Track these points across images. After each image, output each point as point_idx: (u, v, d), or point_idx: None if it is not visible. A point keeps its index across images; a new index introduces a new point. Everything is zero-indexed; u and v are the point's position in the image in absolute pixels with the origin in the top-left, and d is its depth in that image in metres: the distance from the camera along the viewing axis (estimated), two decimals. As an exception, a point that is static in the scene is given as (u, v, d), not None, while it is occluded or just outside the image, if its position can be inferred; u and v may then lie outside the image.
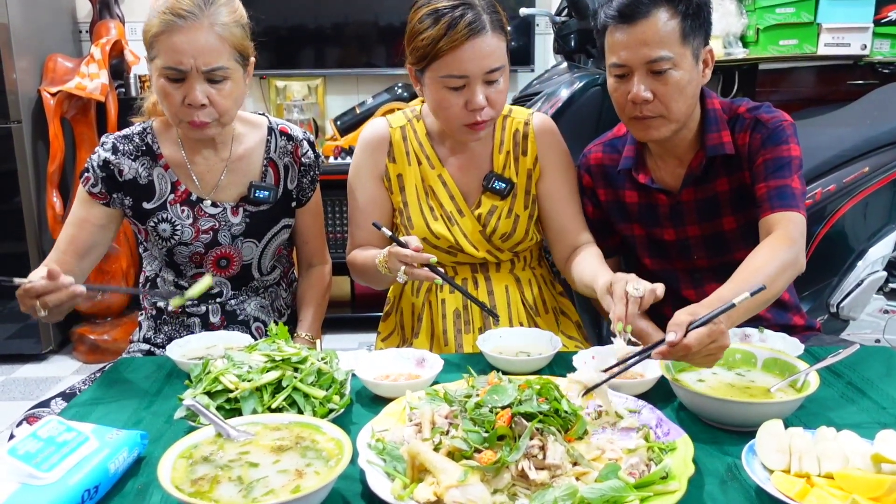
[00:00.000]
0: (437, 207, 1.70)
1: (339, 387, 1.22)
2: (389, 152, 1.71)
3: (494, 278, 1.73)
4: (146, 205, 1.63)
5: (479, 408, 1.02)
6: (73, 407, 1.28)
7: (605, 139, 1.77)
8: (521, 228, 1.70)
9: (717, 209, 1.65)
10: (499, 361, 1.38)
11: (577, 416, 1.04)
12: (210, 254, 1.67)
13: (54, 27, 3.60)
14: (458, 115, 1.56)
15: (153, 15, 1.48)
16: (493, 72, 1.53)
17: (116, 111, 3.43)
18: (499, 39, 1.54)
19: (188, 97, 1.49)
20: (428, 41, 1.51)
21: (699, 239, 1.68)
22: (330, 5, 3.81)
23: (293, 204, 1.75)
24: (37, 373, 3.36)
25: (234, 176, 1.67)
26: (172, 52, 1.46)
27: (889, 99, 2.63)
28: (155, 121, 1.66)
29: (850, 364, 1.37)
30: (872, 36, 3.47)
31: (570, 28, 2.77)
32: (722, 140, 1.60)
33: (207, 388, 1.16)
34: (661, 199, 1.67)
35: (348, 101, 3.90)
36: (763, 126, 1.59)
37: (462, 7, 1.51)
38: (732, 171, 1.62)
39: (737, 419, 1.15)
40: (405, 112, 1.76)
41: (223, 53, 1.50)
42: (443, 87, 1.54)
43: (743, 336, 1.47)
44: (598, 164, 1.76)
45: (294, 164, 1.72)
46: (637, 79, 1.52)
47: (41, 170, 3.36)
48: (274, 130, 1.72)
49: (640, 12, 1.49)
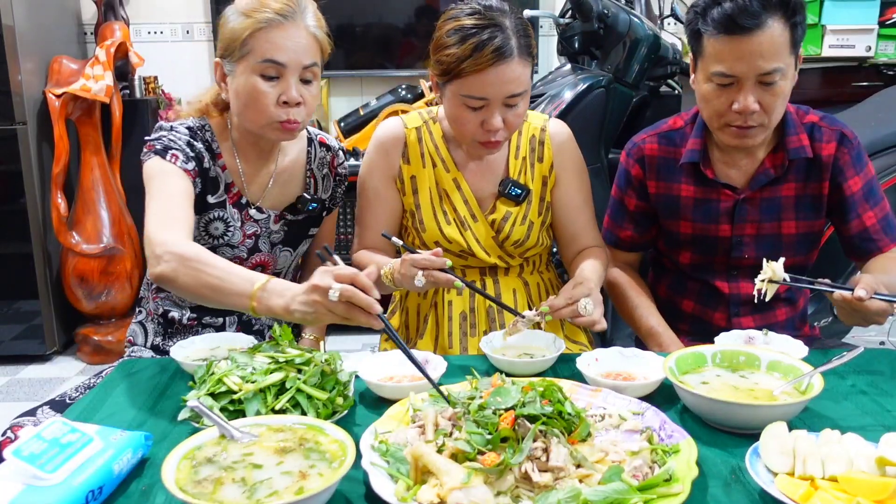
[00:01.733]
0: (450, 212, 1.68)
1: (343, 388, 1.22)
2: (404, 153, 1.70)
3: (503, 282, 1.73)
4: (210, 198, 1.60)
5: (482, 410, 1.02)
6: (77, 409, 1.29)
7: (660, 130, 1.73)
8: (533, 235, 1.69)
9: (779, 212, 1.64)
10: (502, 363, 1.38)
11: (581, 419, 1.04)
12: (250, 259, 1.67)
13: (59, 29, 3.61)
14: (474, 131, 1.54)
15: (241, 15, 1.48)
16: (513, 97, 1.51)
17: (121, 113, 3.44)
18: (524, 65, 1.50)
19: (285, 94, 1.49)
20: (452, 59, 1.49)
21: (753, 238, 1.67)
22: (334, 7, 3.77)
23: (324, 213, 1.77)
24: (41, 374, 3.36)
25: (279, 187, 1.68)
26: (272, 46, 1.47)
27: (891, 101, 2.63)
28: (211, 121, 1.63)
29: (854, 366, 1.37)
30: (877, 38, 3.47)
31: (574, 30, 2.77)
32: (802, 143, 1.59)
33: (211, 389, 1.16)
34: (724, 194, 1.65)
35: (352, 102, 3.91)
36: (849, 141, 1.60)
37: (491, 29, 1.47)
38: (808, 178, 1.62)
39: (741, 421, 1.14)
40: (421, 113, 1.74)
41: (317, 52, 1.53)
42: (462, 104, 1.52)
43: (747, 339, 1.47)
44: (652, 156, 1.72)
45: (330, 175, 1.75)
46: (746, 90, 1.47)
47: (46, 171, 3.36)
48: (314, 141, 1.74)
49: (753, 23, 1.43)
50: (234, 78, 1.52)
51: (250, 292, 1.25)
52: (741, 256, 1.68)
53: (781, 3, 1.45)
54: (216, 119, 1.63)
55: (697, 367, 1.29)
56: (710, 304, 1.74)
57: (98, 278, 3.40)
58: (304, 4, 1.52)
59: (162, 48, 3.91)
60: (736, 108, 1.50)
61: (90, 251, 3.37)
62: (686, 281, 1.77)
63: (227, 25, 1.51)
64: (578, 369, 1.32)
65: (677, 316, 1.77)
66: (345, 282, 1.16)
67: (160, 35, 3.93)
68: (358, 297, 1.16)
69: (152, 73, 3.74)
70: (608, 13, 2.65)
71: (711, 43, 1.49)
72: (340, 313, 1.18)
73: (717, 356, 1.31)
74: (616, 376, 1.33)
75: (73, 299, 3.47)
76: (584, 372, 1.31)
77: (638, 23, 2.69)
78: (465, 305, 1.71)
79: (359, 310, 1.17)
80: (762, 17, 1.43)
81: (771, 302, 1.69)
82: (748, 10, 1.43)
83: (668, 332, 1.68)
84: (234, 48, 1.49)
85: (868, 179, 1.63)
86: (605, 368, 1.35)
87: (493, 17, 1.48)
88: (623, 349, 1.39)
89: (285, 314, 1.23)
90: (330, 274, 1.18)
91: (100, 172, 3.44)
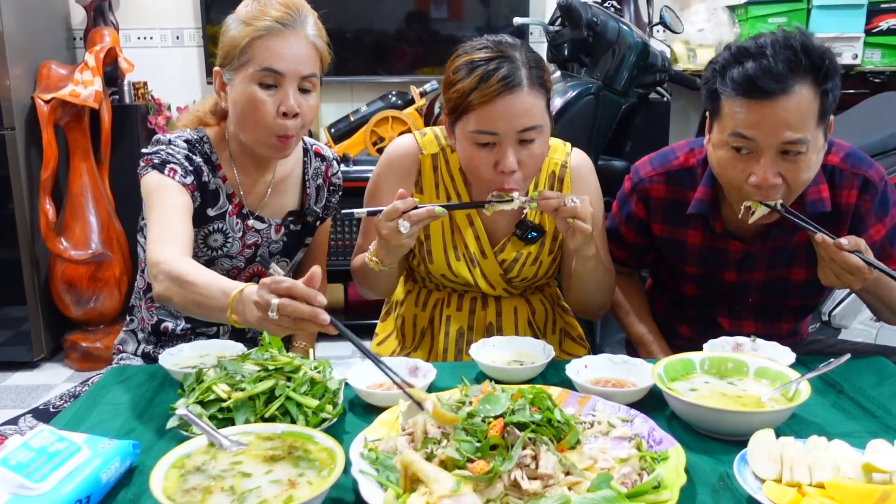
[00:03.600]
0: (461, 247, 1.63)
1: (333, 396, 1.22)
2: (418, 182, 1.63)
3: (504, 302, 1.70)
4: (210, 211, 1.59)
5: (471, 417, 1.02)
6: (65, 417, 1.28)
7: (670, 168, 1.60)
8: (541, 272, 1.66)
9: (789, 258, 1.56)
10: (492, 370, 1.38)
11: (570, 426, 1.04)
12: (247, 270, 1.67)
13: (48, 34, 3.59)
14: (487, 175, 1.45)
15: (241, 23, 1.47)
16: (526, 131, 1.41)
17: (110, 118, 3.43)
18: (536, 97, 1.42)
19: (283, 104, 1.47)
20: (459, 94, 1.42)
21: (761, 283, 1.60)
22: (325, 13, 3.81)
23: (318, 223, 1.77)
24: (28, 380, 3.34)
25: (276, 197, 1.68)
26: (271, 55, 1.45)
27: (881, 108, 2.65)
28: (209, 131, 1.62)
29: (841, 373, 1.38)
30: (864, 45, 3.50)
31: (564, 37, 2.78)
32: (822, 195, 1.48)
33: (200, 397, 1.16)
34: (733, 245, 1.56)
35: (342, 108, 3.91)
36: (873, 187, 1.48)
37: (498, 60, 1.41)
38: (824, 225, 1.42)
39: (729, 428, 1.15)
40: (438, 136, 1.64)
41: (316, 62, 1.52)
42: (473, 142, 1.43)
43: (735, 345, 1.47)
44: (659, 198, 1.61)
45: (324, 185, 1.75)
46: (766, 161, 1.33)
47: (34, 177, 3.35)
48: (309, 151, 1.74)
49: (778, 87, 1.28)
50: (233, 87, 1.50)
51: (227, 304, 1.21)
52: (746, 298, 1.64)
53: (812, 67, 1.31)
54: (213, 130, 1.62)
55: (686, 374, 1.30)
56: (708, 334, 1.67)
57: (86, 284, 3.39)
58: (305, 13, 1.51)
59: (152, 54, 3.90)
60: (753, 182, 1.36)
61: (78, 257, 3.35)
62: (686, 308, 1.72)
63: (227, 34, 1.50)
64: (568, 376, 1.32)
65: (672, 334, 1.74)
66: (282, 294, 1.09)
67: (150, 40, 3.92)
68: (300, 311, 1.08)
69: (142, 78, 3.73)
70: (597, 21, 2.67)
71: (729, 105, 1.35)
72: (287, 326, 1.10)
73: (705, 363, 1.32)
74: (605, 383, 1.33)
75: (62, 305, 3.45)
76: (574, 379, 1.31)
77: (627, 30, 2.70)
78: (463, 322, 1.68)
79: (305, 321, 1.09)
80: (789, 81, 1.29)
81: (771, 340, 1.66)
82: (773, 72, 1.29)
83: (659, 341, 1.68)
84: (234, 56, 1.48)
85: (894, 224, 1.53)
86: (595, 375, 1.35)
87: (502, 50, 1.43)
88: (612, 356, 1.39)
89: (258, 325, 1.17)
90: (266, 287, 1.10)
91: (88, 178, 3.42)
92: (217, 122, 1.62)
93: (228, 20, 1.52)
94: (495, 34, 1.50)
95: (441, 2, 3.88)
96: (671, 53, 3.66)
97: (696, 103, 3.86)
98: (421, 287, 1.73)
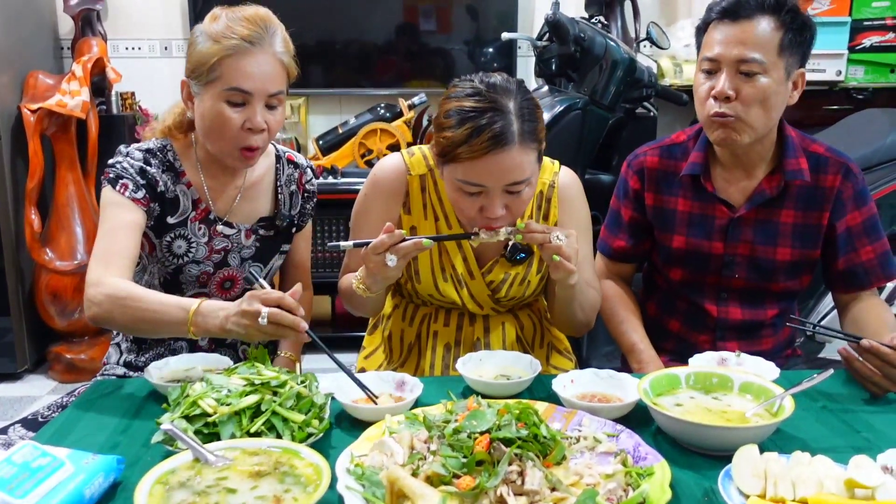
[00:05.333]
0: (448, 268, 1.62)
1: (319, 411, 1.22)
2: (405, 203, 1.62)
3: (492, 319, 1.70)
4: (170, 219, 1.61)
5: (457, 433, 1.02)
6: (49, 430, 1.27)
7: (662, 144, 1.76)
8: (530, 292, 1.66)
9: (775, 236, 1.65)
10: (478, 384, 1.38)
11: (556, 442, 1.04)
12: (217, 274, 1.67)
13: (36, 44, 3.58)
14: (473, 216, 1.46)
15: (210, 40, 1.48)
16: (514, 184, 1.40)
17: (97, 129, 3.42)
18: (527, 151, 1.40)
19: (250, 121, 1.49)
20: (448, 142, 1.39)
21: (746, 259, 1.68)
22: (314, 25, 3.83)
23: (293, 230, 1.76)
24: (11, 392, 3.31)
25: (247, 202, 1.68)
26: (239, 74, 1.47)
27: (864, 124, 2.68)
28: (173, 141, 1.64)
29: (825, 388, 1.39)
30: (847, 62, 3.55)
31: (552, 52, 2.81)
32: (801, 167, 1.61)
33: (185, 411, 1.15)
34: (720, 210, 1.67)
35: (331, 120, 3.91)
36: (854, 176, 1.63)
37: (491, 113, 1.37)
38: (808, 206, 1.63)
39: (713, 443, 1.16)
40: (426, 156, 1.63)
41: (283, 79, 1.53)
42: (459, 188, 1.43)
43: (720, 360, 1.48)
44: (653, 168, 1.74)
45: (298, 191, 1.75)
46: (724, 76, 1.53)
47: (20, 187, 3.33)
48: (282, 158, 1.74)
49: (744, 12, 1.51)
50: (201, 101, 1.52)
51: (186, 319, 1.35)
52: (732, 276, 1.69)
53: (777, 5, 1.52)
54: (179, 139, 1.64)
55: (672, 389, 1.31)
56: (696, 327, 1.75)
57: (71, 295, 3.36)
58: (273, 28, 1.52)
59: (140, 64, 3.89)
60: (713, 93, 1.54)
61: (64, 268, 3.33)
62: (675, 300, 1.78)
63: (196, 48, 1.50)
64: (554, 391, 1.33)
65: (663, 335, 1.79)
66: (272, 305, 1.27)
67: (138, 51, 3.91)
68: (285, 318, 1.27)
69: (130, 88, 3.73)
70: (585, 36, 2.69)
71: (708, 32, 1.57)
72: (270, 332, 1.29)
73: (690, 378, 1.33)
74: (592, 398, 1.33)
75: (46, 316, 3.42)
76: (560, 393, 1.31)
77: (614, 46, 2.73)
78: (450, 337, 1.68)
79: (287, 328, 1.28)
80: (755, 9, 1.51)
81: (757, 329, 1.72)
82: (742, 3, 1.52)
83: (649, 350, 1.70)
84: (202, 72, 1.49)
85: (870, 215, 1.65)
86: (581, 390, 1.36)
87: (494, 100, 1.38)
88: (599, 371, 1.40)
89: (221, 333, 1.34)
90: (257, 298, 1.28)
91: (75, 188, 3.41)
92: (184, 133, 1.64)
93: (197, 32, 1.52)
94: (489, 75, 1.45)
95: (430, 15, 3.89)
96: (658, 68, 3.69)
97: (682, 118, 3.89)
98: (408, 302, 1.73)
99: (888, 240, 1.69)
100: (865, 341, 1.35)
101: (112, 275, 1.44)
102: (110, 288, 1.42)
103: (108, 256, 1.48)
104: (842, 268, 1.67)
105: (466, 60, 3.88)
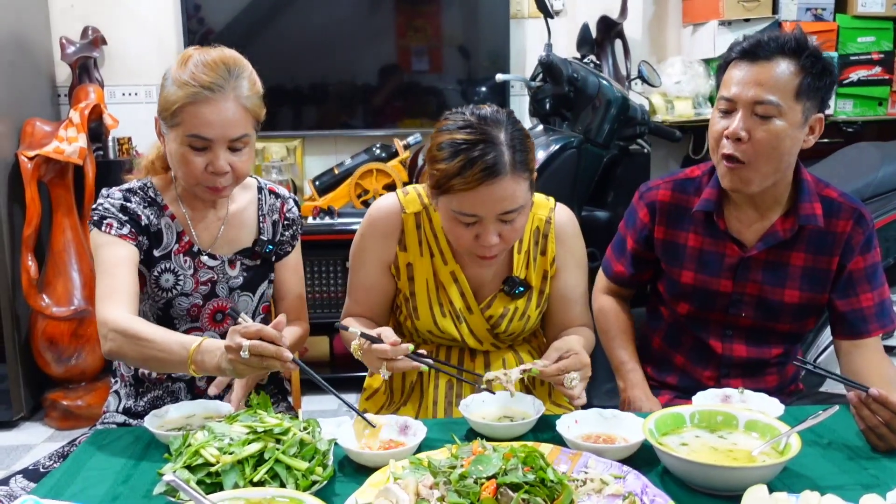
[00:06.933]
0: (446, 304, 1.64)
1: (323, 458, 1.21)
2: (401, 240, 1.64)
3: (492, 354, 1.70)
4: (156, 252, 1.62)
5: (463, 479, 1.01)
6: (49, 482, 1.25)
7: (676, 178, 1.74)
8: (529, 326, 1.68)
9: (784, 278, 1.64)
10: (482, 427, 1.37)
11: (564, 486, 1.04)
12: (207, 306, 1.67)
13: (33, 91, 3.61)
14: (468, 244, 1.49)
15: (175, 85, 1.49)
16: (508, 213, 1.44)
17: (94, 174, 3.43)
18: (519, 181, 1.43)
19: (212, 165, 1.51)
20: (441, 174, 1.43)
21: (754, 298, 1.66)
22: (307, 67, 3.87)
23: (273, 259, 1.76)
24: (7, 440, 3.26)
25: (231, 232, 1.69)
26: (199, 122, 1.48)
27: (854, 158, 2.71)
28: (153, 178, 1.67)
29: (830, 424, 1.38)
30: (836, 96, 3.59)
31: (546, 92, 2.84)
32: (815, 212, 1.59)
33: (188, 461, 1.14)
34: (731, 248, 1.65)
35: (327, 161, 3.93)
36: (866, 223, 1.62)
37: (483, 145, 1.40)
38: (819, 251, 1.62)
39: (721, 484, 1.15)
40: (421, 195, 1.66)
41: (247, 123, 1.54)
42: (453, 218, 1.47)
43: (724, 397, 1.48)
44: (664, 202, 1.72)
45: (279, 220, 1.76)
46: (739, 116, 1.51)
47: (17, 233, 3.33)
48: (263, 189, 1.76)
49: (763, 53, 1.50)
50: (168, 141, 1.55)
51: (187, 357, 1.36)
52: (738, 315, 1.68)
53: (798, 47, 1.50)
54: (161, 174, 1.67)
55: (677, 429, 1.30)
56: (700, 362, 1.74)
57: (68, 341, 3.34)
58: (238, 72, 1.53)
59: (136, 109, 3.92)
60: (726, 132, 1.53)
61: (60, 314, 3.31)
62: (680, 335, 1.78)
63: (164, 90, 1.53)
64: (559, 432, 1.32)
65: (667, 369, 1.79)
66: (252, 337, 1.26)
67: (134, 97, 3.94)
68: (267, 349, 1.26)
69: (126, 133, 3.74)
70: (578, 76, 2.73)
71: (728, 71, 1.55)
72: (255, 365, 1.28)
73: (695, 416, 1.32)
74: (596, 438, 1.33)
75: (42, 363, 3.39)
76: (564, 435, 1.30)
77: (607, 85, 2.77)
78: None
79: (270, 358, 1.27)
80: (775, 51, 1.50)
81: (762, 367, 1.72)
82: (762, 45, 1.51)
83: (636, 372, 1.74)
84: (167, 116, 1.52)
85: (873, 262, 1.64)
86: (585, 430, 1.35)
87: (485, 131, 1.42)
88: (603, 410, 1.39)
89: (218, 372, 1.35)
90: (238, 332, 1.28)
91: (71, 234, 3.40)
92: (165, 170, 1.67)
93: (167, 74, 1.54)
94: (479, 107, 1.49)
95: (422, 55, 3.94)
96: (650, 105, 3.73)
97: (675, 153, 3.92)
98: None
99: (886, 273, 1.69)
100: (874, 390, 1.30)
101: (119, 311, 1.46)
102: (119, 324, 1.43)
103: (111, 293, 1.49)
104: (846, 310, 1.64)
105: (460, 100, 3.92)
